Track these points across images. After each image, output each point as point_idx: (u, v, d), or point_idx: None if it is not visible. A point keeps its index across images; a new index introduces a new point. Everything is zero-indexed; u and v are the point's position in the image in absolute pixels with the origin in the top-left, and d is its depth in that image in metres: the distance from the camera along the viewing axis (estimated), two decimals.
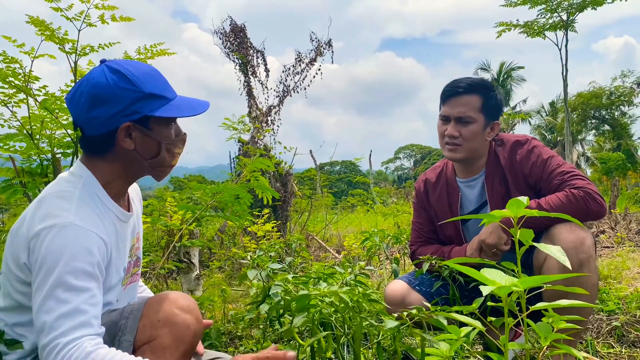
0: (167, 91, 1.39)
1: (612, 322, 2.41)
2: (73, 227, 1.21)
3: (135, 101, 1.32)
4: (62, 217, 1.21)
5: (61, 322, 1.13)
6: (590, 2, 12.10)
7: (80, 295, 1.17)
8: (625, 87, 28.15)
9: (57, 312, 1.13)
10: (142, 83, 1.33)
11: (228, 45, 8.66)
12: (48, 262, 1.17)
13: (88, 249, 1.21)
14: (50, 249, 1.17)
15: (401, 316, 1.42)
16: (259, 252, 2.06)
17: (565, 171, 1.91)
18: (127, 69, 1.34)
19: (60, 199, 1.26)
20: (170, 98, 1.38)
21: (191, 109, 1.39)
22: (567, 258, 0.98)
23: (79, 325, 1.14)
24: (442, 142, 2.07)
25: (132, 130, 1.34)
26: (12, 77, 2.36)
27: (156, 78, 1.38)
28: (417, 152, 62.42)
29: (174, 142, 1.42)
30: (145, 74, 1.36)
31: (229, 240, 5.58)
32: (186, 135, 1.48)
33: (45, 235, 1.19)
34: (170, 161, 1.44)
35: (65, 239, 1.19)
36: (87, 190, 1.33)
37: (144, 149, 1.38)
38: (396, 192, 19.84)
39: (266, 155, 6.06)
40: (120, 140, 1.34)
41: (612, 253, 4.62)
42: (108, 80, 1.31)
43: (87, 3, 2.40)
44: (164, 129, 1.39)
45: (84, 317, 1.15)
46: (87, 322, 1.15)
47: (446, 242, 2.22)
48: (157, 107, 1.34)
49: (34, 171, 2.49)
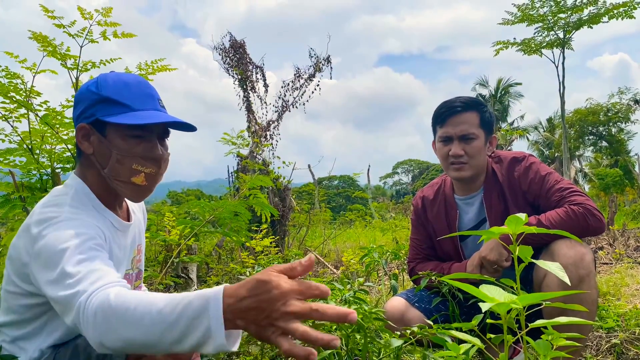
0: (134, 100, 1.32)
1: (612, 339, 2.40)
2: (67, 220, 1.20)
3: (93, 104, 1.31)
4: (56, 217, 1.20)
5: (77, 287, 1.05)
6: (586, 20, 12.26)
7: (90, 263, 1.11)
8: (622, 104, 28.36)
9: (71, 284, 1.07)
10: (104, 88, 1.31)
11: (228, 61, 8.72)
12: (50, 251, 1.13)
13: (85, 230, 1.19)
14: (49, 241, 1.14)
15: (404, 334, 1.42)
16: (258, 268, 2.05)
17: (564, 187, 1.92)
18: (107, 76, 1.35)
19: (52, 206, 1.25)
20: (133, 107, 1.31)
21: (144, 119, 1.29)
22: (565, 274, 0.98)
23: (96, 279, 1.06)
24: (447, 163, 2.06)
25: (91, 133, 1.33)
26: (13, 92, 2.37)
27: (130, 87, 1.33)
28: (415, 167, 62.53)
29: (128, 155, 1.32)
30: (119, 81, 1.33)
31: (227, 255, 5.56)
32: (161, 155, 1.37)
33: (43, 235, 1.17)
34: (127, 176, 1.34)
35: (62, 228, 1.17)
36: (78, 197, 1.32)
37: (100, 155, 1.34)
38: (394, 207, 19.84)
39: (265, 170, 6.07)
40: (78, 141, 1.34)
41: (611, 269, 4.61)
42: (86, 84, 1.36)
43: (89, 20, 2.43)
44: (118, 138, 1.32)
45: (99, 273, 1.08)
46: (103, 275, 1.07)
47: (445, 259, 2.21)
48: (113, 113, 1.29)
49: (33, 186, 2.49)
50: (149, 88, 1.37)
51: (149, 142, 1.35)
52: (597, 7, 11.88)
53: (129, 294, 0.98)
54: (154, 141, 1.36)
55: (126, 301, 0.95)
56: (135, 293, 1.00)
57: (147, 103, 1.34)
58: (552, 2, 11.97)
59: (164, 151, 1.39)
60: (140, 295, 0.96)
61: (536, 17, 12.41)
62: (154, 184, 1.39)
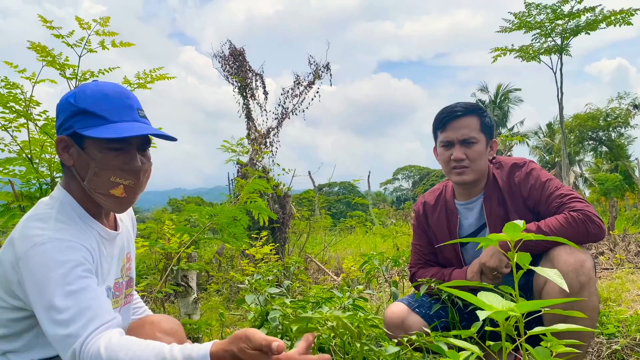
0: (112, 112, 1.30)
1: (612, 345, 2.39)
2: (53, 241, 1.21)
3: (71, 115, 1.30)
4: (41, 236, 1.22)
5: (70, 328, 1.13)
6: (584, 27, 12.29)
7: (80, 296, 1.17)
8: (621, 109, 28.39)
9: (63, 321, 1.13)
10: (82, 100, 1.30)
11: (227, 69, 8.74)
12: (38, 278, 1.17)
13: (72, 256, 1.21)
14: (36, 267, 1.18)
15: (401, 341, 1.41)
16: (257, 276, 2.05)
17: (564, 194, 1.92)
18: (86, 87, 1.34)
19: (38, 221, 1.27)
20: (111, 119, 1.29)
21: (119, 132, 1.27)
22: (564, 281, 0.98)
23: (87, 322, 1.14)
24: (449, 168, 2.08)
25: (70, 145, 1.32)
26: (13, 102, 2.38)
27: (108, 99, 1.31)
28: (416, 173, 62.49)
29: (106, 168, 1.31)
30: (98, 93, 1.31)
31: (227, 263, 5.54)
32: (140, 166, 1.35)
33: (28, 256, 1.19)
34: (106, 188, 1.33)
35: (48, 252, 1.19)
36: (63, 209, 1.32)
37: (79, 167, 1.33)
38: (395, 213, 19.82)
39: (265, 177, 6.07)
40: (59, 153, 1.34)
41: (612, 275, 4.60)
42: (66, 95, 1.35)
43: (87, 30, 2.44)
44: (96, 150, 1.30)
45: (90, 312, 1.15)
46: (95, 316, 1.15)
47: (445, 265, 2.21)
48: (90, 125, 1.28)
49: (33, 195, 2.49)
50: (129, 98, 1.35)
51: (128, 153, 1.34)
52: (594, 13, 11.92)
53: (118, 347, 1.10)
54: (132, 153, 1.34)
55: (117, 356, 1.09)
56: (124, 344, 1.11)
57: (126, 114, 1.32)
58: (548, 9, 12.01)
59: (145, 161, 1.38)
60: (128, 348, 1.10)
61: (533, 24, 12.45)
62: (134, 196, 1.38)
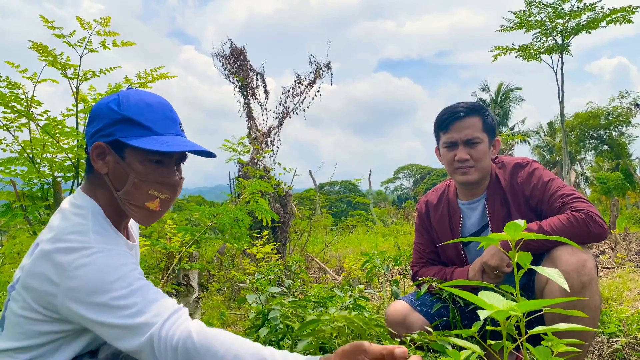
0: (156, 123, 1.28)
1: (613, 344, 2.39)
2: (102, 251, 1.18)
3: (113, 122, 1.26)
4: (88, 247, 1.18)
5: (143, 317, 1.10)
6: (585, 25, 12.28)
7: (144, 292, 1.14)
8: (622, 108, 28.36)
9: (132, 313, 1.10)
10: (126, 107, 1.27)
11: (228, 68, 8.75)
12: (95, 284, 1.12)
13: (125, 261, 1.19)
14: (91, 274, 1.13)
15: (404, 341, 1.42)
16: (258, 276, 2.05)
17: (567, 194, 1.92)
18: (128, 94, 1.30)
19: (76, 234, 1.21)
20: (156, 131, 1.27)
21: (168, 145, 1.25)
22: (565, 281, 0.98)
23: (160, 311, 1.11)
24: (452, 168, 2.08)
25: (107, 153, 1.29)
26: (14, 102, 2.39)
27: (152, 109, 1.29)
28: (417, 172, 62.47)
29: (146, 180, 1.29)
30: (142, 102, 1.29)
31: (228, 262, 5.55)
32: (177, 181, 1.35)
33: (78, 265, 1.14)
34: (142, 201, 1.31)
35: (100, 260, 1.16)
36: (97, 221, 1.28)
37: (115, 176, 1.30)
38: (396, 212, 19.81)
39: (266, 176, 6.08)
40: (93, 159, 1.29)
41: (613, 274, 4.60)
42: (106, 100, 1.30)
43: (89, 30, 2.44)
44: (137, 161, 1.28)
45: (159, 303, 1.13)
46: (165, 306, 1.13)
47: (448, 264, 2.22)
48: (134, 135, 1.26)
49: (34, 195, 2.50)
50: (172, 112, 1.33)
51: (168, 167, 1.32)
52: (594, 12, 11.90)
53: (210, 335, 1.06)
54: (172, 167, 1.33)
55: (211, 345, 1.04)
56: (216, 335, 1.07)
57: (170, 127, 1.31)
58: (549, 8, 12.00)
59: (179, 176, 1.37)
60: (223, 340, 1.05)
61: (534, 23, 12.43)
62: (165, 210, 1.36)
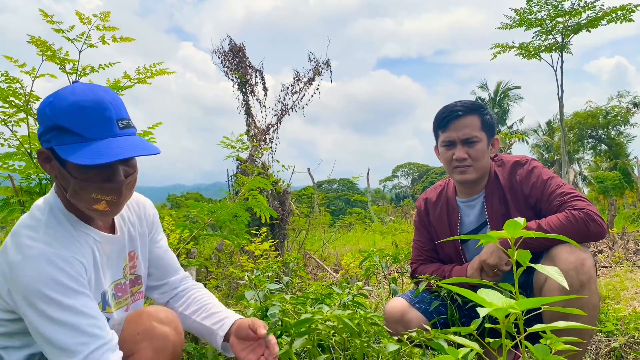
0: (89, 129, 1.21)
1: (611, 343, 2.39)
2: (44, 254, 1.21)
3: (48, 130, 1.23)
4: (32, 248, 1.22)
5: (65, 345, 1.16)
6: (585, 24, 12.29)
7: (74, 313, 1.19)
8: (621, 107, 28.41)
9: (56, 337, 1.16)
10: (58, 113, 1.21)
11: (227, 65, 8.72)
12: (29, 292, 1.18)
13: (63, 268, 1.22)
14: (28, 280, 1.18)
15: (401, 339, 1.41)
16: (256, 273, 2.05)
17: (566, 192, 1.92)
18: (61, 98, 1.24)
19: (29, 229, 1.26)
20: (89, 137, 1.21)
21: (99, 155, 1.18)
22: (564, 279, 0.98)
23: (86, 341, 1.17)
24: (451, 167, 2.08)
25: (51, 158, 1.27)
26: (12, 96, 2.38)
27: (85, 113, 1.21)
28: (415, 171, 62.50)
29: (87, 187, 1.24)
30: (74, 106, 1.21)
31: (226, 259, 5.54)
32: (122, 181, 1.28)
33: (19, 267, 1.20)
34: (88, 204, 1.27)
35: (39, 266, 1.20)
36: (53, 215, 1.31)
37: (61, 180, 1.29)
38: (394, 210, 19.81)
39: (264, 173, 6.07)
40: (40, 164, 1.30)
41: (610, 273, 4.60)
42: (45, 102, 1.26)
43: (88, 24, 2.43)
44: (75, 168, 1.24)
45: (86, 331, 1.19)
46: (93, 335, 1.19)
47: (447, 261, 2.21)
48: (67, 142, 1.21)
49: (32, 190, 2.49)
50: (107, 110, 1.24)
51: (110, 169, 1.27)
52: (595, 10, 11.91)
53: None
54: (114, 167, 1.27)
55: None
56: None
57: (104, 129, 1.23)
58: (549, 6, 12.00)
59: (130, 171, 1.32)
60: None
61: (534, 21, 12.44)
62: (118, 207, 1.33)
